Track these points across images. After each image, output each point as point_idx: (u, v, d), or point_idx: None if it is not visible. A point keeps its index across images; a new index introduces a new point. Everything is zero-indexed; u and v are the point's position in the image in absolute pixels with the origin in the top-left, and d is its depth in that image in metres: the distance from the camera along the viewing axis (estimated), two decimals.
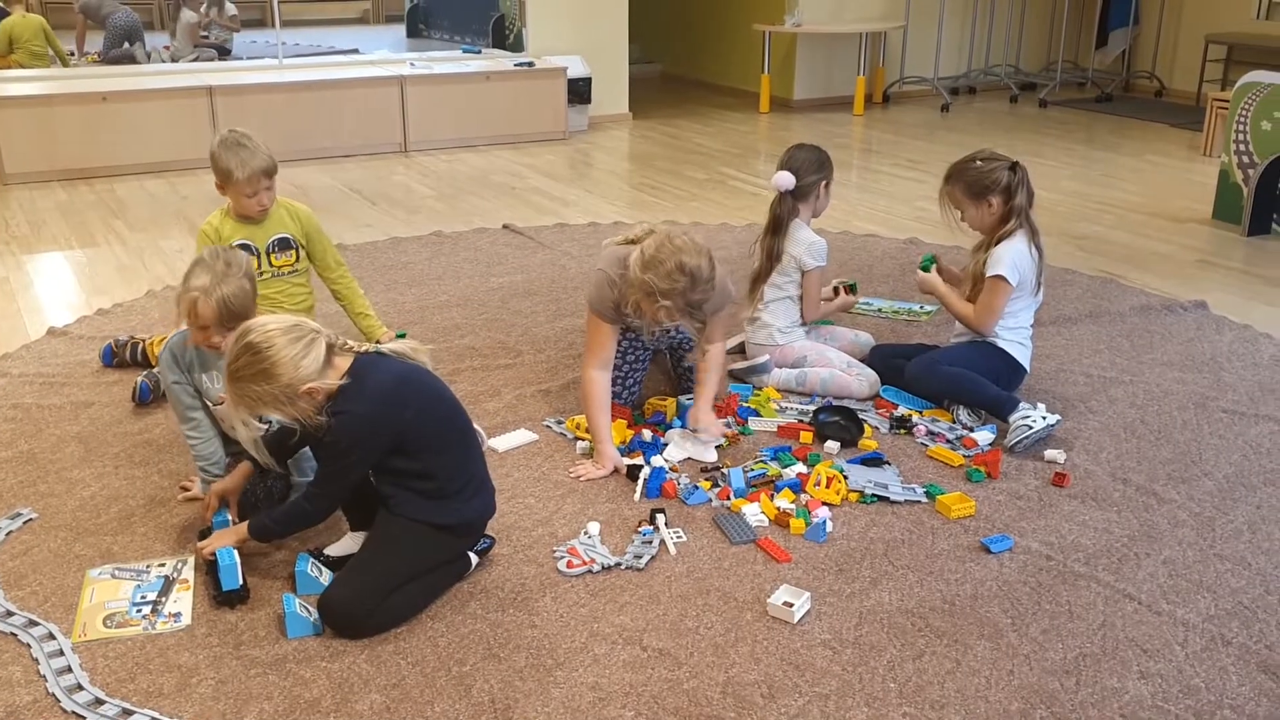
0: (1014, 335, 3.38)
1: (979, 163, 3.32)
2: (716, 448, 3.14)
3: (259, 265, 3.43)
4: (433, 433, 2.40)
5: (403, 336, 3.60)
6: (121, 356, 3.73)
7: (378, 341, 3.52)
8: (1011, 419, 3.16)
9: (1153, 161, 7.26)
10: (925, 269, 3.49)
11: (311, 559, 2.51)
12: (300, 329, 2.29)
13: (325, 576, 2.47)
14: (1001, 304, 3.30)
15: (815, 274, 3.58)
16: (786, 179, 3.51)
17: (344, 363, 2.34)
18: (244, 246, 3.39)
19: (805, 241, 3.55)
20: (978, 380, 3.30)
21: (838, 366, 3.53)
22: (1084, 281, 4.71)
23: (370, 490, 2.46)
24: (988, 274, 3.29)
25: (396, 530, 2.41)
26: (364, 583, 2.34)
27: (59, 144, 6.52)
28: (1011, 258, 3.27)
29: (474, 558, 2.54)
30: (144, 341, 3.74)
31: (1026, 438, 3.10)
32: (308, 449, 2.68)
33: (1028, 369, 3.45)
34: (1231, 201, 5.56)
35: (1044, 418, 3.13)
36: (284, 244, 3.52)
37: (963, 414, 3.32)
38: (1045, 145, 7.74)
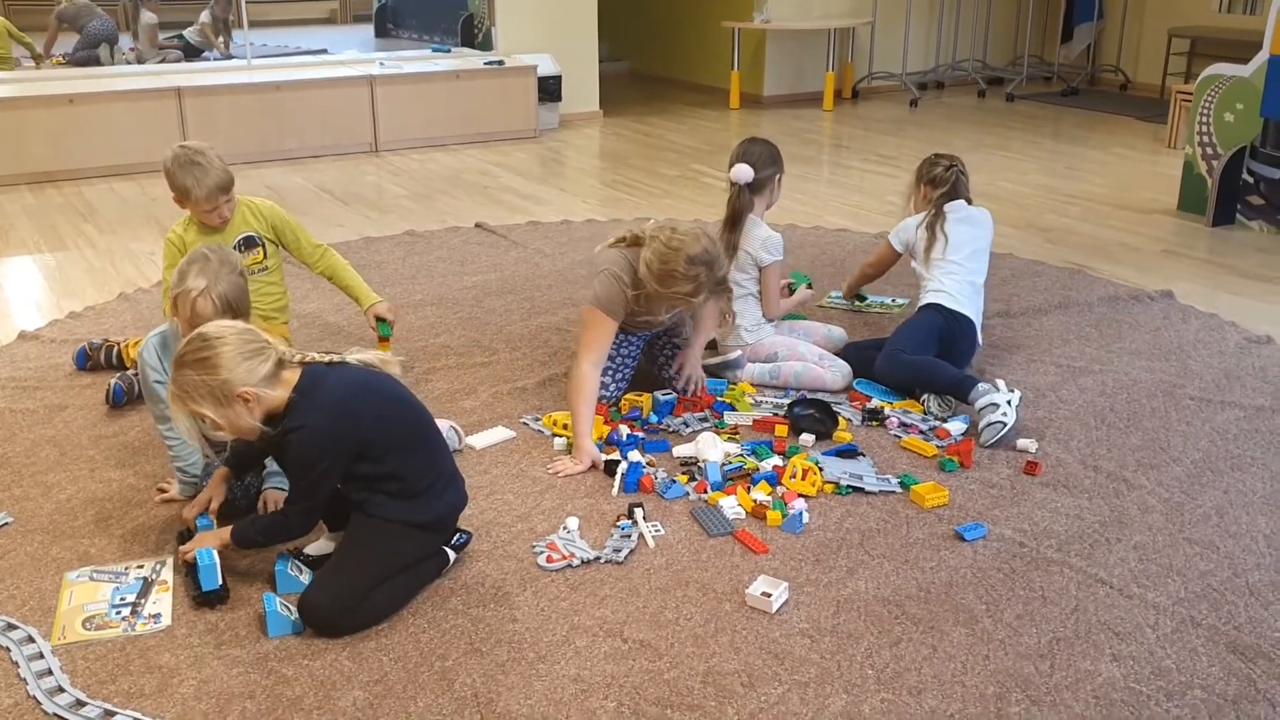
0: (933, 284, 3.61)
1: (934, 156, 3.85)
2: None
3: None
4: (395, 435, 2.40)
5: (384, 328, 3.59)
6: (96, 359, 3.71)
7: (373, 317, 3.56)
8: (977, 405, 3.19)
9: (1118, 154, 7.34)
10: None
11: (291, 558, 2.51)
12: (253, 336, 2.31)
13: (305, 576, 2.47)
14: (879, 259, 4.07)
15: (773, 269, 3.59)
16: (746, 172, 3.53)
17: (293, 376, 2.33)
18: None
19: (760, 238, 3.56)
20: (936, 364, 3.40)
21: (810, 360, 3.56)
22: (1052, 273, 4.77)
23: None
24: None
25: (371, 530, 2.41)
26: (342, 583, 2.34)
27: (26, 147, 6.46)
28: (900, 227, 3.86)
29: (452, 553, 2.55)
30: (119, 344, 3.72)
31: (1001, 436, 3.14)
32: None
33: (977, 327, 3.57)
34: (1196, 193, 5.63)
35: (1009, 401, 3.17)
36: (249, 242, 3.52)
37: (933, 404, 3.35)
38: (1012, 139, 7.81)
